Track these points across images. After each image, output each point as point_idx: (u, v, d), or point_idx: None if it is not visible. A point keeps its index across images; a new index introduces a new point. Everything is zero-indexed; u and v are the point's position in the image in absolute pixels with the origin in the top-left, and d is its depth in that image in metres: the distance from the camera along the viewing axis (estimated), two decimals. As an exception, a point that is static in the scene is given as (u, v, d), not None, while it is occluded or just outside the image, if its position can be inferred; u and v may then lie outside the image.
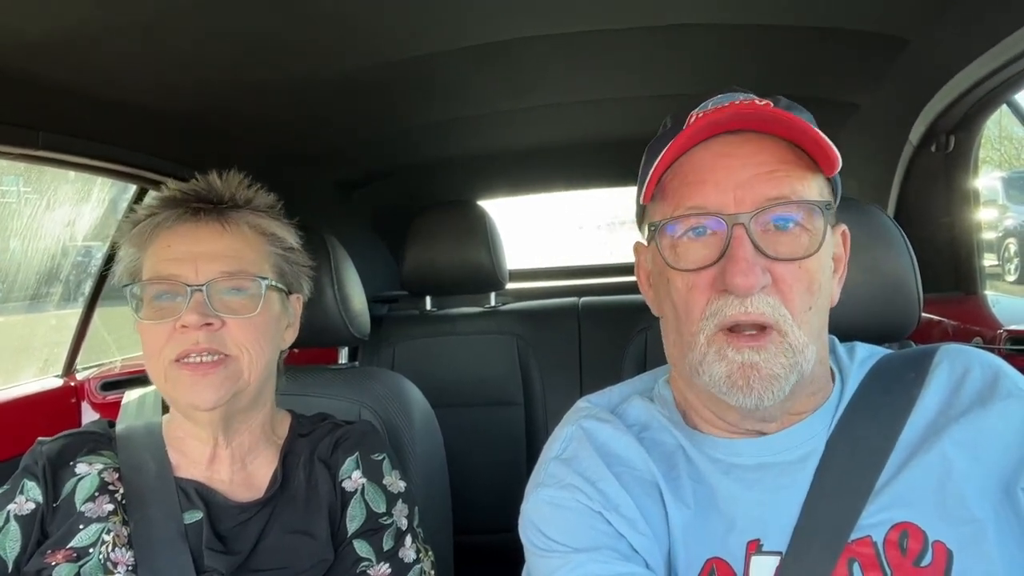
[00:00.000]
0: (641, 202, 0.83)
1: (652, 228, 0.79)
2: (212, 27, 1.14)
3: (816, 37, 1.39)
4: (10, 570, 0.90)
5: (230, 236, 0.99)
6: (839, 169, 0.76)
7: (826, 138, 0.73)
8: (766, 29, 1.38)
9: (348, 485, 1.03)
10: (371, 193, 2.46)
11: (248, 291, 0.98)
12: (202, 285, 0.94)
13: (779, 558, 0.73)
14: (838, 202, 0.80)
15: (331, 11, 1.17)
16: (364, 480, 1.04)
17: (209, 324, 0.93)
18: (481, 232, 2.19)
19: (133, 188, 1.67)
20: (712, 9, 1.31)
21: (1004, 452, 0.73)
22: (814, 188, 0.76)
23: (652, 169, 0.77)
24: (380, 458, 1.07)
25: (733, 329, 0.73)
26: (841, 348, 0.87)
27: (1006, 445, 0.74)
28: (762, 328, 0.73)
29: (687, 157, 0.77)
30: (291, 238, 1.07)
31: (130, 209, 1.67)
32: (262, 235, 1.03)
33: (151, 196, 1.04)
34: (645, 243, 0.86)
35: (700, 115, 0.76)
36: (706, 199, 0.74)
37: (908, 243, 1.07)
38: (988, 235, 5.99)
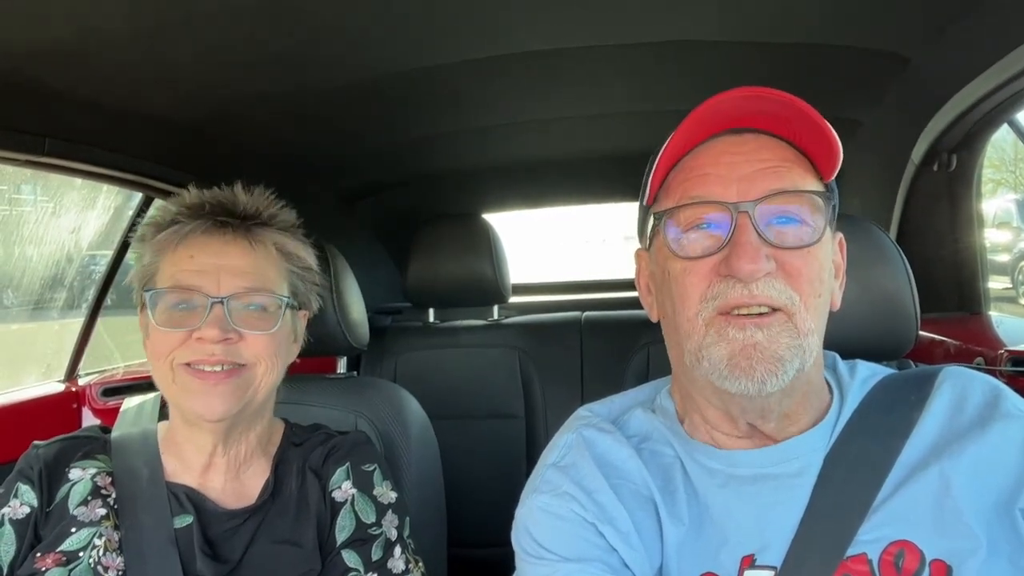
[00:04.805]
0: (645, 203, 0.83)
1: (657, 218, 0.79)
2: (219, 37, 1.15)
3: (818, 54, 1.40)
4: (4, 574, 0.90)
5: (255, 254, 0.99)
6: (838, 166, 0.76)
7: (827, 124, 0.73)
8: (768, 46, 1.39)
9: (338, 495, 1.03)
10: (376, 204, 2.47)
11: (267, 308, 0.99)
12: (223, 298, 0.94)
13: (773, 573, 0.73)
14: (836, 213, 0.81)
15: (337, 22, 1.18)
16: (354, 490, 1.04)
17: (227, 338, 0.94)
18: (484, 245, 2.20)
19: (139, 196, 1.69)
20: (715, 26, 1.32)
21: (1004, 472, 0.73)
22: (814, 185, 0.77)
23: (656, 163, 0.78)
24: (371, 469, 1.07)
25: (735, 314, 0.73)
26: (842, 365, 0.87)
27: (1005, 465, 0.73)
28: (771, 310, 0.72)
29: (690, 157, 0.78)
30: (309, 258, 1.08)
31: (137, 213, 1.69)
32: (283, 254, 1.03)
33: (171, 201, 1.04)
34: (646, 249, 0.86)
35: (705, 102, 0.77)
36: (709, 190, 0.75)
37: (905, 261, 1.07)
38: (1002, 257, 5.95)
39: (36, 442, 1.02)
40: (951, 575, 0.69)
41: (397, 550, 1.02)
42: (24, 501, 0.95)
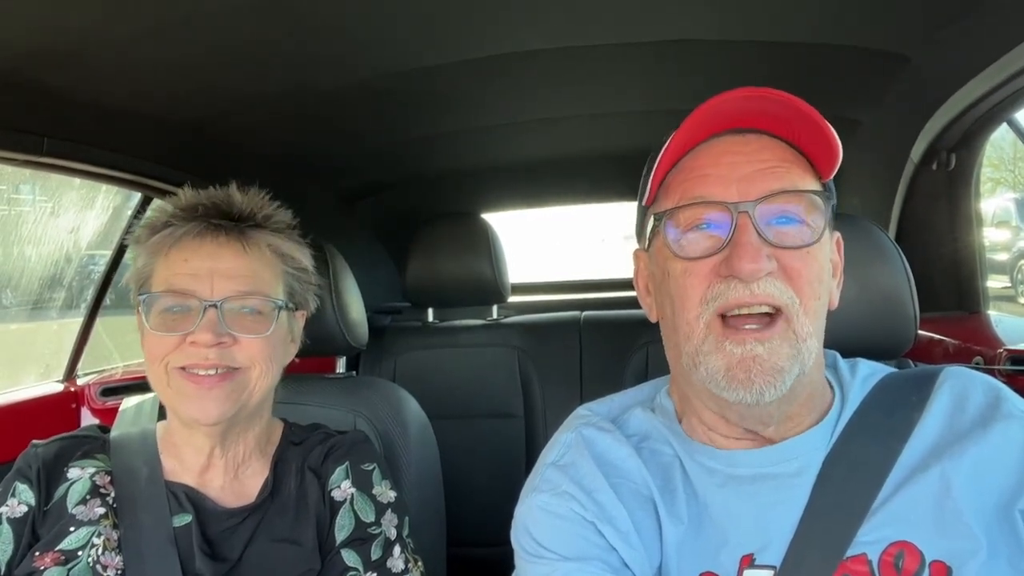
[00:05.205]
0: (644, 203, 0.83)
1: (657, 218, 0.79)
2: (218, 37, 1.15)
3: (818, 54, 1.40)
4: (2, 573, 0.90)
5: (249, 256, 0.99)
6: (837, 166, 0.76)
7: (828, 124, 0.73)
8: (769, 46, 1.39)
9: (337, 494, 1.03)
10: (376, 203, 2.47)
11: (262, 311, 0.98)
12: (216, 302, 0.94)
13: (773, 572, 0.73)
14: (834, 212, 0.81)
15: (336, 23, 1.18)
16: (353, 490, 1.04)
17: (221, 342, 0.94)
18: (483, 245, 2.20)
19: (138, 196, 1.68)
20: (715, 26, 1.32)
21: (1004, 473, 0.73)
22: (813, 185, 0.77)
23: (656, 164, 0.77)
24: (370, 468, 1.07)
25: (734, 320, 0.73)
26: (843, 364, 0.87)
27: (1006, 467, 0.73)
28: (770, 316, 0.72)
29: (690, 157, 0.78)
30: (305, 259, 1.07)
31: (136, 213, 1.69)
32: (278, 255, 1.03)
33: (166, 202, 1.03)
34: (644, 250, 0.86)
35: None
36: (710, 190, 0.75)
37: (904, 260, 1.07)
38: (1001, 256, 5.95)
39: (35, 441, 1.01)
40: (952, 574, 0.69)
41: (396, 549, 1.02)
42: (22, 500, 0.95)
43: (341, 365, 1.55)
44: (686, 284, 0.75)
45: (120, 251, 1.74)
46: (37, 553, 0.90)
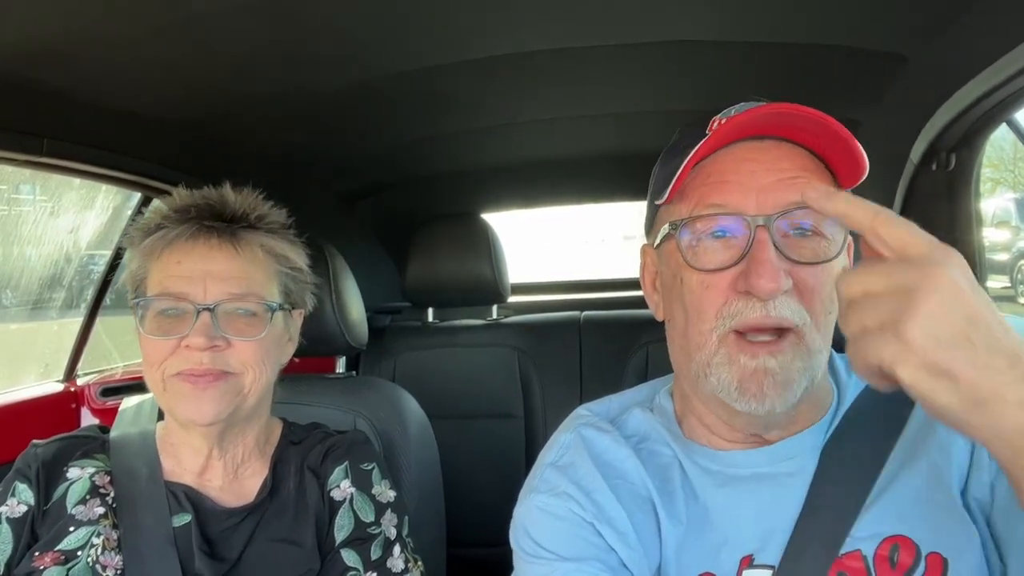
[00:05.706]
0: (659, 203, 0.81)
1: (672, 226, 0.78)
2: (218, 37, 1.15)
3: (817, 54, 1.40)
4: (1, 572, 0.91)
5: (242, 258, 0.99)
6: (862, 179, 0.75)
7: (856, 141, 0.72)
8: (768, 46, 1.39)
9: (337, 494, 1.04)
10: (376, 204, 2.47)
11: (256, 313, 0.98)
12: (210, 305, 0.94)
13: (771, 572, 0.73)
14: None
15: (336, 23, 1.18)
16: (353, 489, 1.04)
17: (215, 346, 0.94)
18: (483, 245, 2.20)
19: (137, 196, 1.68)
20: (715, 26, 1.32)
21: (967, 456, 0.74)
22: None
23: (682, 168, 0.75)
24: (370, 468, 1.07)
25: (748, 334, 0.72)
26: (839, 360, 0.87)
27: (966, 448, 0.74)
28: (782, 331, 0.72)
29: (708, 161, 0.76)
30: (300, 259, 1.07)
31: (135, 213, 1.69)
32: (272, 256, 1.03)
33: (160, 203, 1.03)
34: (653, 247, 0.85)
35: (733, 115, 0.75)
36: (727, 199, 0.74)
37: None
38: (1001, 256, 5.96)
39: (35, 441, 1.02)
40: (948, 568, 0.69)
41: (396, 549, 1.03)
42: (21, 500, 0.95)
43: (341, 365, 1.55)
44: (703, 297, 0.74)
45: (119, 251, 1.74)
46: (37, 553, 0.90)
